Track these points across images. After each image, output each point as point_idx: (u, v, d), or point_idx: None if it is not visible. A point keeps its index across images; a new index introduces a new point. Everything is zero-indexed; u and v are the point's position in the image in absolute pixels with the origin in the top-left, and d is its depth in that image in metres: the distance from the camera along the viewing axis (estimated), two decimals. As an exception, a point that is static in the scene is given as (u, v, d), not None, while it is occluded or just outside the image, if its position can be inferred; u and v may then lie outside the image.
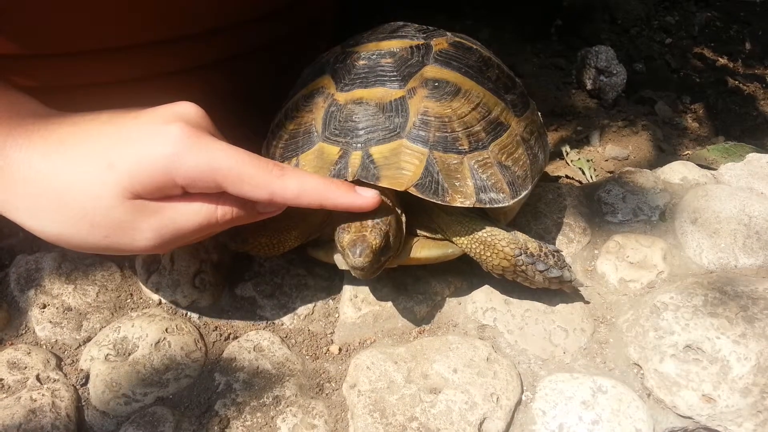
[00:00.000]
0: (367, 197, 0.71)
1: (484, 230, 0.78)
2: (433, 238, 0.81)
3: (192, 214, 0.66)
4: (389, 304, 0.84)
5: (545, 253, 0.78)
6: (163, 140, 0.63)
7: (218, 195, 0.67)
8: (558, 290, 0.82)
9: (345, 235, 0.71)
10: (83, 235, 0.65)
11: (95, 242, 0.65)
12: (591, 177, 1.31)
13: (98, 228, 0.64)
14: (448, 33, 0.91)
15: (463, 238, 0.78)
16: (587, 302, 0.85)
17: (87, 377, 0.76)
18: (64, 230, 0.65)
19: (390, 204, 0.75)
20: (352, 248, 0.69)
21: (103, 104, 0.90)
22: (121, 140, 0.64)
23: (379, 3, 1.54)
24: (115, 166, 0.63)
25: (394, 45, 0.84)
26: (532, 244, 0.78)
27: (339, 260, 0.78)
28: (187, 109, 0.68)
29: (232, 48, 0.98)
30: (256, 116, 0.96)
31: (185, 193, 0.66)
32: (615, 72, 1.52)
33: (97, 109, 0.70)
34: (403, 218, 0.78)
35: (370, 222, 0.71)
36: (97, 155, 0.63)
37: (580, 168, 1.34)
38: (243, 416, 0.72)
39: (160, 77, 0.94)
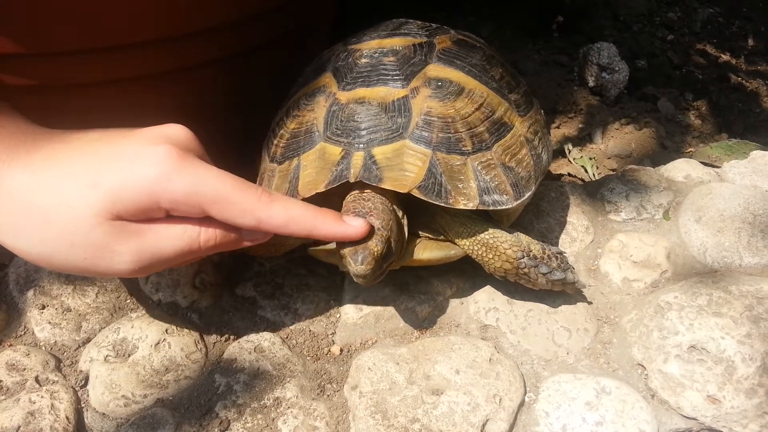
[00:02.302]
0: (356, 227, 0.69)
1: (486, 232, 0.77)
2: (436, 240, 0.81)
3: (173, 239, 0.64)
4: (391, 304, 0.84)
5: (548, 256, 0.78)
6: (150, 161, 0.62)
7: (202, 220, 0.65)
8: (560, 291, 0.82)
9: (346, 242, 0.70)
10: (63, 255, 0.63)
11: (74, 263, 0.64)
12: (593, 175, 1.31)
13: (77, 248, 0.62)
14: (451, 30, 0.90)
15: (465, 240, 0.78)
16: (589, 303, 0.84)
17: (86, 379, 0.75)
18: (43, 249, 0.63)
19: (391, 208, 0.74)
20: (353, 255, 0.68)
21: (101, 103, 0.89)
22: (107, 160, 0.63)
23: (379, 0, 1.53)
24: (99, 186, 0.61)
25: (396, 43, 0.83)
26: (535, 246, 0.78)
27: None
28: (176, 131, 0.67)
29: (233, 46, 0.97)
30: (256, 115, 0.96)
31: (168, 216, 0.64)
32: (617, 69, 1.51)
33: (95, 108, 0.69)
34: (405, 221, 0.77)
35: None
36: (82, 173, 0.62)
37: (582, 166, 1.33)
38: (244, 418, 0.71)
39: (159, 76, 0.93)
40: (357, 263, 0.68)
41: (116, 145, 0.64)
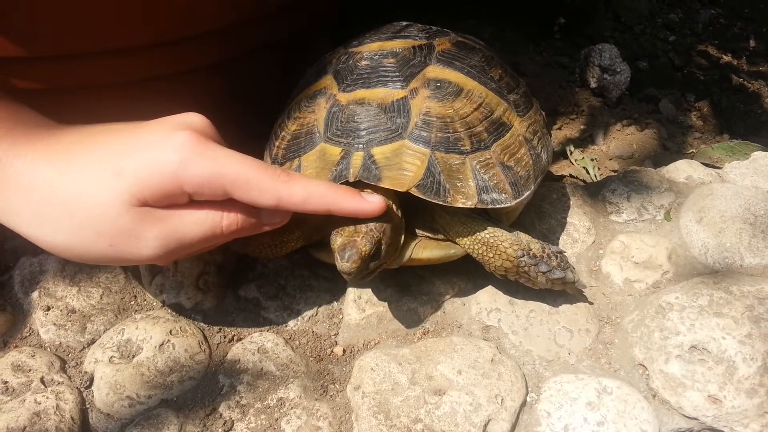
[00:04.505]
0: (374, 202, 0.71)
1: (486, 231, 0.77)
2: (435, 239, 0.81)
3: (197, 224, 0.66)
4: (393, 305, 0.84)
5: (548, 254, 0.78)
6: (171, 147, 0.63)
7: (224, 205, 0.67)
8: (561, 291, 0.82)
9: (337, 238, 0.71)
10: (88, 244, 0.64)
11: (99, 251, 0.65)
12: (595, 176, 1.31)
13: (103, 236, 0.63)
14: (451, 33, 0.91)
15: (465, 239, 0.78)
16: (591, 303, 0.84)
17: (91, 380, 0.76)
18: (68, 239, 0.64)
19: (388, 210, 0.74)
20: (341, 252, 0.69)
21: (105, 106, 0.90)
22: (128, 148, 0.64)
23: (380, 3, 1.54)
24: (124, 173, 0.62)
25: (396, 45, 0.84)
26: (535, 245, 0.78)
27: None
28: (194, 118, 0.68)
29: (234, 49, 0.98)
30: (257, 118, 0.96)
31: (191, 202, 0.66)
32: (619, 70, 1.51)
33: (99, 111, 0.70)
34: (403, 225, 0.77)
35: (364, 227, 0.71)
36: (105, 163, 0.63)
37: (584, 167, 1.33)
38: (247, 418, 0.72)
39: (162, 78, 0.94)
40: (343, 260, 0.69)
41: (136, 134, 0.66)
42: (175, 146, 0.63)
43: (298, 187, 0.67)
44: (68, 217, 0.63)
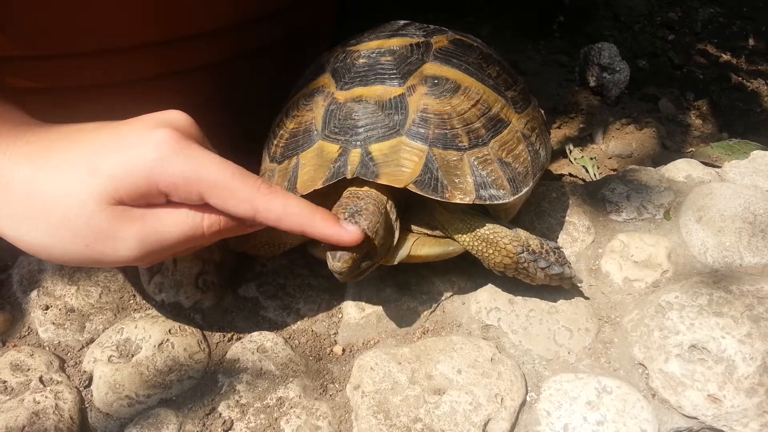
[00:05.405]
0: (350, 231, 0.68)
1: (485, 227, 0.77)
2: (434, 236, 0.81)
3: (177, 224, 0.64)
4: (393, 304, 0.84)
5: (546, 250, 0.78)
6: (148, 145, 0.61)
7: (203, 206, 0.65)
8: (558, 287, 0.82)
9: None
10: (65, 244, 0.62)
11: (77, 252, 0.63)
12: (594, 175, 1.31)
13: (80, 237, 0.61)
14: (449, 31, 0.91)
15: (464, 236, 0.78)
16: (587, 298, 0.85)
17: (90, 379, 0.76)
18: (45, 239, 0.62)
19: (383, 211, 0.74)
20: (332, 252, 0.69)
21: (100, 106, 0.90)
22: (106, 146, 0.62)
23: (379, 2, 1.54)
24: (100, 171, 0.61)
25: (394, 43, 0.84)
26: (534, 241, 0.78)
27: None
28: (176, 116, 0.66)
29: (232, 49, 0.97)
30: (255, 117, 0.96)
31: (169, 202, 0.64)
32: (618, 69, 1.51)
33: (94, 111, 0.69)
34: (397, 224, 0.77)
35: None
36: (82, 161, 0.62)
37: (583, 166, 1.34)
38: (247, 418, 0.72)
39: (159, 78, 0.93)
40: (335, 259, 0.69)
41: (116, 132, 0.64)
42: (152, 144, 0.61)
43: (277, 202, 0.65)
44: (45, 216, 0.61)
